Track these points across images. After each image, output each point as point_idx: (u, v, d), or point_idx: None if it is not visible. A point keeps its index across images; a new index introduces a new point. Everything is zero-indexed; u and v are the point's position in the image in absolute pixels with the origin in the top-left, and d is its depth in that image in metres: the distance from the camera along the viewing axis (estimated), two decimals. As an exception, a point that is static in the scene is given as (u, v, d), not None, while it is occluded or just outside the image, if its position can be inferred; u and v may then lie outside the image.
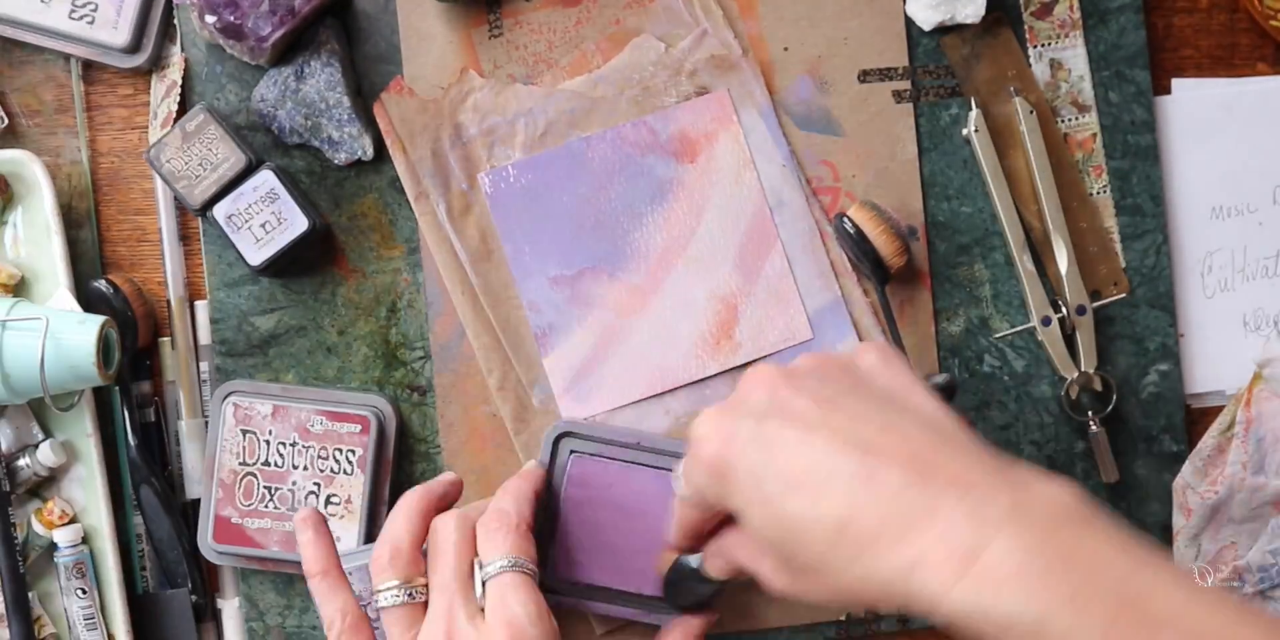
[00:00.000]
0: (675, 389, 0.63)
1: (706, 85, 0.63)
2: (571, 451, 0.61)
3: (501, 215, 0.63)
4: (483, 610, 0.52)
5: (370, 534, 0.62)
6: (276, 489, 0.62)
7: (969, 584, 0.40)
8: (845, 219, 0.61)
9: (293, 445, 0.62)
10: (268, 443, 0.62)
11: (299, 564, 0.62)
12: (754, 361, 0.63)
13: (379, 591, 0.53)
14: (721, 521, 0.52)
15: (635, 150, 0.63)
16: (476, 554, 0.54)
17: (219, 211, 0.61)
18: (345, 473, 0.62)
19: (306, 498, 0.62)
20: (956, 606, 0.40)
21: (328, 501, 0.62)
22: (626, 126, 0.63)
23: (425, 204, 0.63)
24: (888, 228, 0.61)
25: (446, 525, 0.54)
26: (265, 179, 0.61)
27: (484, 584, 0.53)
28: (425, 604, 0.53)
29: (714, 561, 0.54)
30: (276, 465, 0.62)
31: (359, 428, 0.62)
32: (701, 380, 0.63)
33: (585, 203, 0.63)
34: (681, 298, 0.63)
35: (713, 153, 0.63)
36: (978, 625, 0.40)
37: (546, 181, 0.63)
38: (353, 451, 0.62)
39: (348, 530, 0.62)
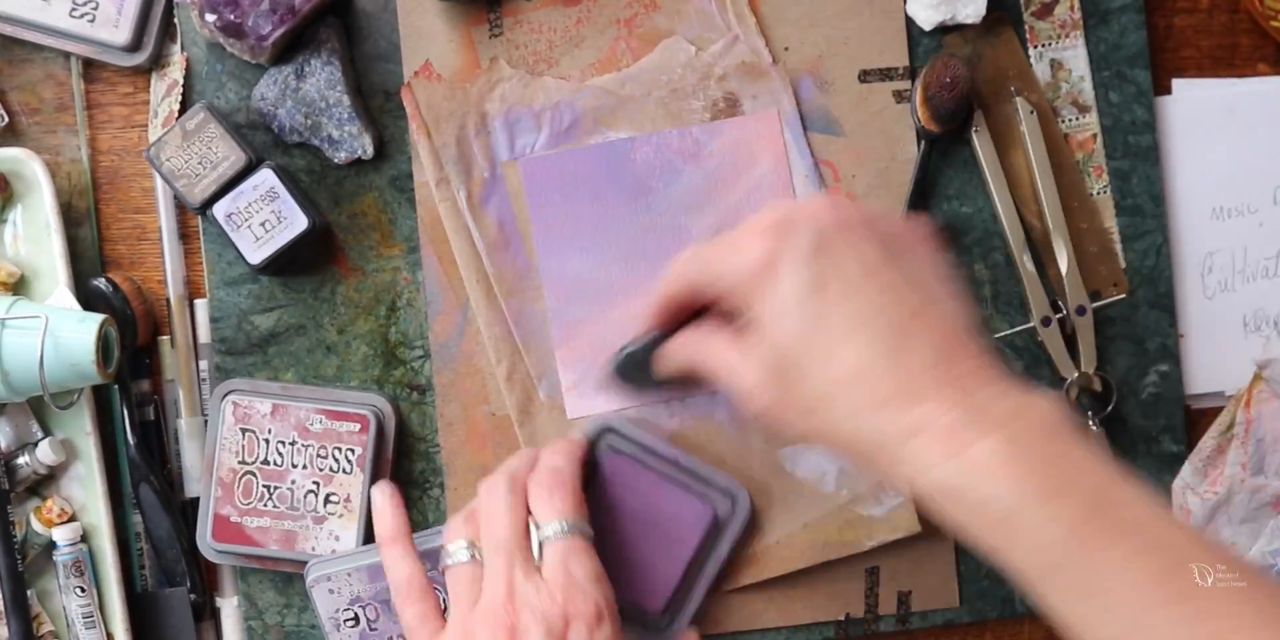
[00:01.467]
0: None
1: (735, 91, 0.63)
2: (611, 448, 0.61)
3: (536, 204, 0.63)
4: (539, 569, 0.54)
5: (370, 533, 0.62)
6: (275, 488, 0.62)
7: (956, 464, 0.43)
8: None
9: (292, 444, 0.62)
10: (267, 441, 0.62)
11: (297, 563, 0.62)
12: None
13: (448, 550, 0.55)
14: (688, 319, 0.54)
15: (678, 158, 0.63)
16: (530, 513, 0.56)
17: (219, 210, 0.61)
18: (344, 471, 0.62)
19: (305, 497, 0.62)
20: (938, 481, 0.44)
21: (326, 500, 0.62)
22: (672, 134, 0.63)
23: (446, 190, 0.63)
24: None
25: (496, 488, 0.56)
26: (265, 178, 0.61)
27: (541, 546, 0.55)
28: None
29: (679, 352, 0.54)
30: (276, 464, 0.62)
31: (358, 426, 0.62)
32: None
33: (621, 203, 0.63)
34: None
35: (754, 171, 0.63)
36: (952, 504, 0.44)
37: (586, 176, 0.63)
38: (352, 450, 0.62)
39: (346, 529, 0.62)
